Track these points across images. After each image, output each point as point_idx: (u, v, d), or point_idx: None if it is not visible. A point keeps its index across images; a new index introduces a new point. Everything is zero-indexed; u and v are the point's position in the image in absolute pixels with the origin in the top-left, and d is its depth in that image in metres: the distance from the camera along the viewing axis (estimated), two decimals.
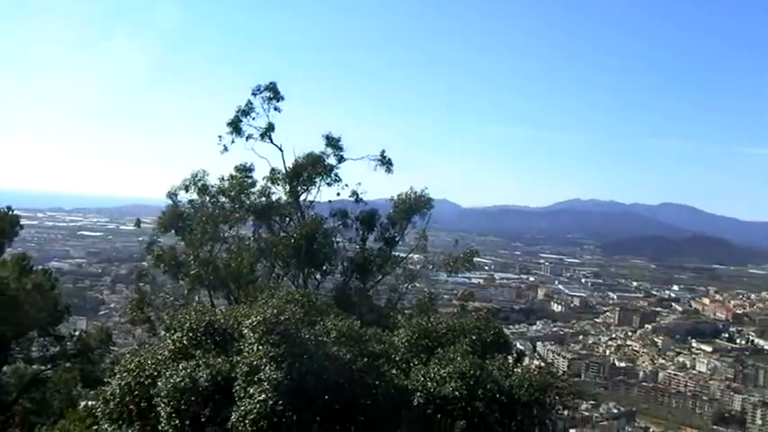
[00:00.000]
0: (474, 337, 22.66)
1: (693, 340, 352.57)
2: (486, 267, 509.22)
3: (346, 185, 39.42)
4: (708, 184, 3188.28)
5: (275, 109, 39.03)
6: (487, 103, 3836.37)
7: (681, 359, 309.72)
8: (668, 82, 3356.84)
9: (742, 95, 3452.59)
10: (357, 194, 39.38)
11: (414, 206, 37.78)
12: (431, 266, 40.31)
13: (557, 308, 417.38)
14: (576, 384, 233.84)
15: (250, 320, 18.28)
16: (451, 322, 24.08)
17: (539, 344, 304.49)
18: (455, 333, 22.83)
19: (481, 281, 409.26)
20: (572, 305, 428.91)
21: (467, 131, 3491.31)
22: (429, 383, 18.69)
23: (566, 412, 24.45)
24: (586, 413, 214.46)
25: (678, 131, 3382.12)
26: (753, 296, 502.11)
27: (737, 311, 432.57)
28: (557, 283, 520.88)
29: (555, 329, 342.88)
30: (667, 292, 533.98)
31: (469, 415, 18.26)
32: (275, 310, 18.24)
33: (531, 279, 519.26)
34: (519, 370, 22.15)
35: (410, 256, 40.74)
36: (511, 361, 24.83)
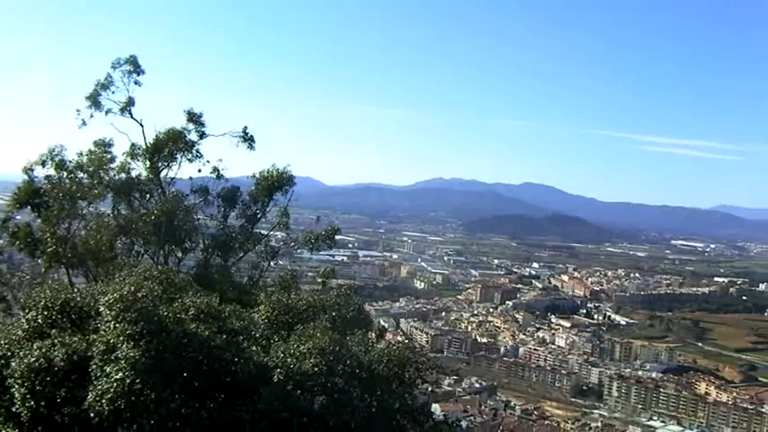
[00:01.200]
0: (334, 314, 22.71)
1: (553, 316, 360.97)
2: (350, 245, 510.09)
3: (208, 162, 38.79)
4: (567, 166, 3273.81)
5: (136, 83, 38.08)
6: (354, 82, 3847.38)
7: (541, 334, 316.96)
8: (529, 65, 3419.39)
9: (596, 79, 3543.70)
10: (218, 171, 38.79)
11: (276, 183, 37.45)
12: (293, 244, 40.14)
13: (419, 285, 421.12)
14: (436, 359, 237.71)
15: (107, 298, 17.90)
16: (312, 299, 24.10)
17: (402, 320, 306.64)
18: (315, 310, 22.85)
19: (345, 258, 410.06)
20: (434, 282, 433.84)
21: (332, 110, 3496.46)
22: (289, 360, 18.64)
23: (425, 386, 24.71)
24: (449, 388, 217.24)
25: (539, 114, 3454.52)
26: (609, 273, 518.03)
27: (595, 288, 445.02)
28: (419, 260, 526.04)
29: (418, 306, 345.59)
30: (528, 269, 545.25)
31: (329, 391, 18.29)
32: (132, 288, 17.94)
33: (395, 257, 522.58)
34: (379, 345, 22.29)
35: (272, 233, 40.51)
36: (373, 337, 25.04)
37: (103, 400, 16.27)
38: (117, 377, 16.43)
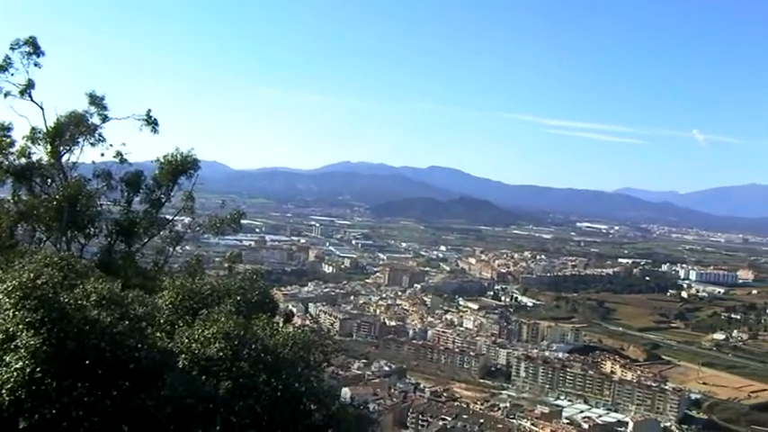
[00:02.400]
0: (239, 298, 22.58)
1: (460, 298, 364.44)
2: (257, 230, 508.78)
3: (111, 146, 38.10)
4: (474, 149, 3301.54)
5: (35, 65, 37.12)
6: (261, 65, 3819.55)
7: (449, 317, 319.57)
8: (435, 48, 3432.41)
9: (503, 62, 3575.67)
10: (122, 155, 38.11)
11: (180, 167, 36.94)
12: (198, 228, 39.76)
13: (328, 269, 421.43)
14: (342, 342, 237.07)
15: (5, 285, 17.47)
16: (217, 283, 23.93)
17: (311, 305, 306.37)
18: (220, 294, 22.69)
19: (252, 243, 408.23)
20: (343, 266, 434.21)
21: (238, 94, 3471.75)
22: (193, 345, 18.49)
23: (331, 369, 24.73)
24: (358, 371, 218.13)
25: (446, 97, 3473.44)
26: (516, 255, 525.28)
27: (502, 270, 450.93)
28: (328, 244, 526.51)
29: (326, 290, 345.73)
30: (435, 252, 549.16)
31: (235, 375, 18.19)
32: (32, 275, 17.54)
33: (303, 241, 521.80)
34: (285, 330, 22.23)
35: (177, 218, 40.06)
36: (279, 321, 24.94)
37: (3, 390, 15.89)
38: (17, 366, 16.05)
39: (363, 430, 22.38)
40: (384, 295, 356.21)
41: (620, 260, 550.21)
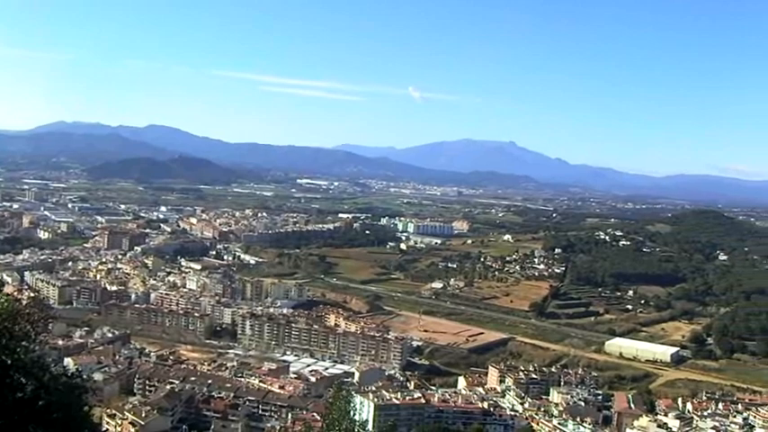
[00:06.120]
0: None
1: (183, 259, 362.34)
2: None
3: None
4: (193, 107, 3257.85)
5: None
6: None
7: (172, 279, 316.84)
8: (142, 4, 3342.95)
9: (221, 19, 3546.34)
10: None
11: None
12: None
13: (44, 235, 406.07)
14: (55, 310, 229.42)
15: None
16: None
17: (27, 273, 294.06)
18: None
19: None
20: (60, 231, 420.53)
21: None
22: None
23: (47, 339, 24.12)
24: (81, 340, 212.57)
25: (158, 55, 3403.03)
26: (237, 214, 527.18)
27: (223, 229, 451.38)
28: (42, 209, 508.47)
29: (43, 258, 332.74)
30: (156, 213, 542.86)
31: None
32: None
33: (15, 206, 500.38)
34: None
35: None
36: None
37: None
38: None
39: (77, 399, 22.01)
40: (104, 260, 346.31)
41: (340, 215, 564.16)
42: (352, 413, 33.55)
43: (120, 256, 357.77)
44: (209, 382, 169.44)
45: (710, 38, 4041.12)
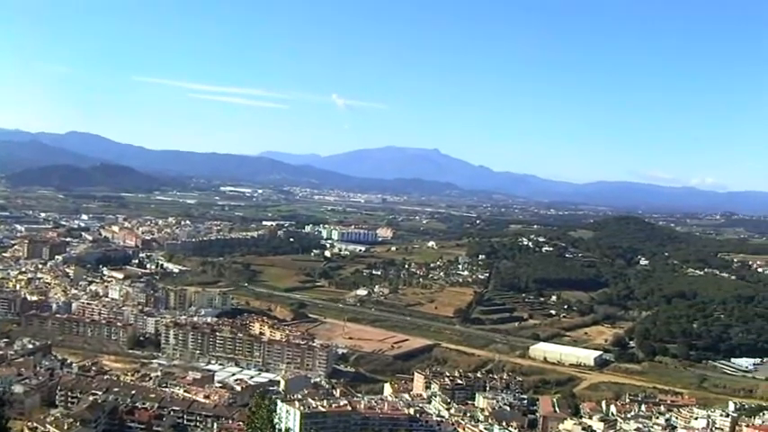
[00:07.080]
0: None
1: (105, 268, 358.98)
2: None
3: None
4: (114, 114, 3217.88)
5: None
6: None
7: (93, 288, 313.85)
8: (63, 9, 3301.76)
9: (147, 26, 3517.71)
10: None
11: None
12: None
13: None
14: None
15: None
16: None
17: None
18: None
19: None
20: None
21: None
22: None
23: None
24: (0, 351, 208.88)
25: (82, 60, 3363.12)
26: (160, 222, 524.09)
27: (146, 237, 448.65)
28: None
29: None
30: (77, 221, 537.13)
31: None
32: None
33: None
34: None
35: None
36: None
37: None
38: None
39: None
40: (24, 269, 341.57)
41: (264, 223, 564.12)
42: (275, 422, 33.68)
43: (40, 266, 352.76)
44: (133, 392, 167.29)
45: (625, 43, 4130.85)
